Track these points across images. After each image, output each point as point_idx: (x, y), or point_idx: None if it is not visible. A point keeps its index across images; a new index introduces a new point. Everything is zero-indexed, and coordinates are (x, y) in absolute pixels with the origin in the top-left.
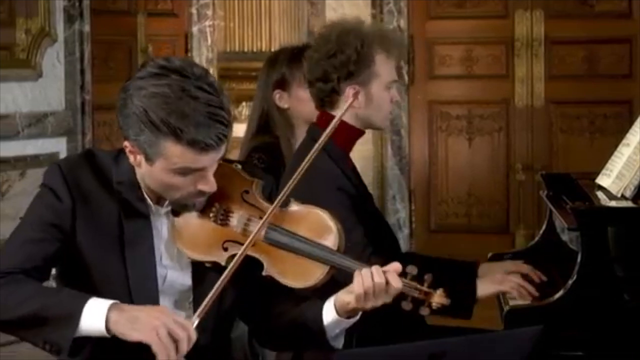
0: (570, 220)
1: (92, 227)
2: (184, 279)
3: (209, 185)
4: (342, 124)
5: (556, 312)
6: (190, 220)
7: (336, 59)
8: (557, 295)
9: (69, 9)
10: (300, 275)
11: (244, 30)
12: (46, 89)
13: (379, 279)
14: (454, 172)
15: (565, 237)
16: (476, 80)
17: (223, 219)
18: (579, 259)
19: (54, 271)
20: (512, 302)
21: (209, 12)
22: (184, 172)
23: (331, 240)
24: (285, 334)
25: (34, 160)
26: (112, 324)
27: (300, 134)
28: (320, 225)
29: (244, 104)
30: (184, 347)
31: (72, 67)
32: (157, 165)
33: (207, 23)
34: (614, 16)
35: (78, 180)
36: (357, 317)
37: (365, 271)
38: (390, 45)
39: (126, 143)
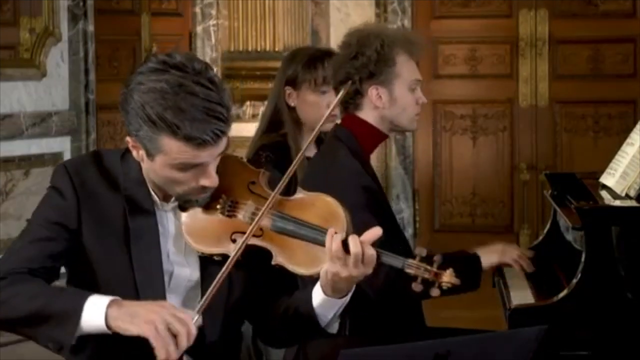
0: (574, 220)
1: (98, 225)
2: (192, 275)
3: (211, 180)
4: (368, 125)
5: (560, 311)
6: (198, 213)
7: (357, 61)
8: (562, 295)
9: (73, 9)
10: (308, 261)
11: (248, 29)
12: (50, 89)
13: (354, 248)
14: (458, 172)
15: (569, 236)
16: (480, 80)
17: (230, 211)
18: (583, 258)
19: (63, 269)
20: (515, 303)
21: (213, 12)
22: (184, 167)
23: (339, 226)
24: (282, 326)
25: (38, 160)
26: (111, 319)
27: (306, 135)
28: (328, 212)
29: (247, 103)
30: (183, 342)
31: (76, 66)
32: (157, 160)
33: (211, 22)
34: (619, 16)
35: (84, 178)
36: (348, 298)
37: (337, 235)
38: (413, 47)
39: (128, 138)
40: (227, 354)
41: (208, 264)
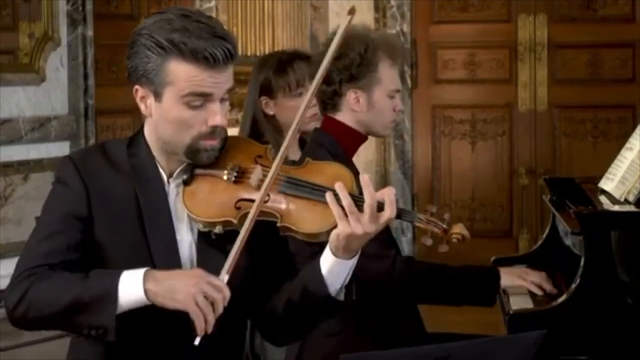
0: (573, 225)
1: (108, 208)
2: (191, 254)
3: (219, 117)
4: (346, 128)
5: (559, 316)
6: (202, 184)
7: (340, 62)
8: (561, 300)
9: (72, 13)
10: (317, 219)
11: (247, 34)
12: (49, 93)
13: (370, 200)
14: (457, 177)
15: (568, 241)
16: (479, 85)
17: (238, 177)
18: (582, 263)
19: None
20: (515, 307)
21: (212, 16)
22: (193, 99)
23: (347, 186)
24: (286, 311)
25: (37, 165)
26: (151, 295)
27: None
28: (335, 174)
29: None
30: (220, 308)
31: (76, 71)
32: (166, 99)
33: None
34: (618, 20)
35: (89, 165)
36: (356, 259)
37: (343, 190)
38: (396, 54)
39: (136, 87)
40: (228, 353)
41: (204, 246)
